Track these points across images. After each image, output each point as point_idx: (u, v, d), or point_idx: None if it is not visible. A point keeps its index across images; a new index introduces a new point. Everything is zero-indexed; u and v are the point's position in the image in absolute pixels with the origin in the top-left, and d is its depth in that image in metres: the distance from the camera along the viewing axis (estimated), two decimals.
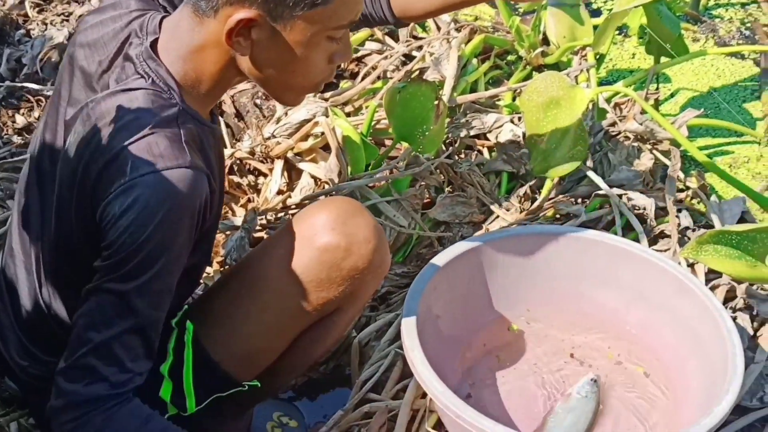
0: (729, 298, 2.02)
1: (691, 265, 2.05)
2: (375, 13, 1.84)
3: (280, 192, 2.32)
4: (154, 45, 1.45)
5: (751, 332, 1.95)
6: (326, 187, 2.26)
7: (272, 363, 1.69)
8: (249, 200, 2.36)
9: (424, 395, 1.79)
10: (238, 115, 2.52)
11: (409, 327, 1.63)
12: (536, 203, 2.30)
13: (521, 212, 2.30)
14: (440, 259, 1.79)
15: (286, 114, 2.39)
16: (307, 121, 2.36)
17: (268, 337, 1.65)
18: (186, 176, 1.36)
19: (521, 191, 2.35)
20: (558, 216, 2.26)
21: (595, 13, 3.08)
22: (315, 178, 2.32)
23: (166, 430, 1.48)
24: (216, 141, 1.57)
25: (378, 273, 1.65)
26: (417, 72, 2.58)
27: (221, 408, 1.69)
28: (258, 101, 2.52)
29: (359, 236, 1.57)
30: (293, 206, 2.25)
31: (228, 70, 1.46)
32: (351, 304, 1.67)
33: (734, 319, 1.92)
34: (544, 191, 2.33)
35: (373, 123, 2.44)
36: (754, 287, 2.02)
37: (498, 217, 2.29)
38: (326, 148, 2.35)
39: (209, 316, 1.65)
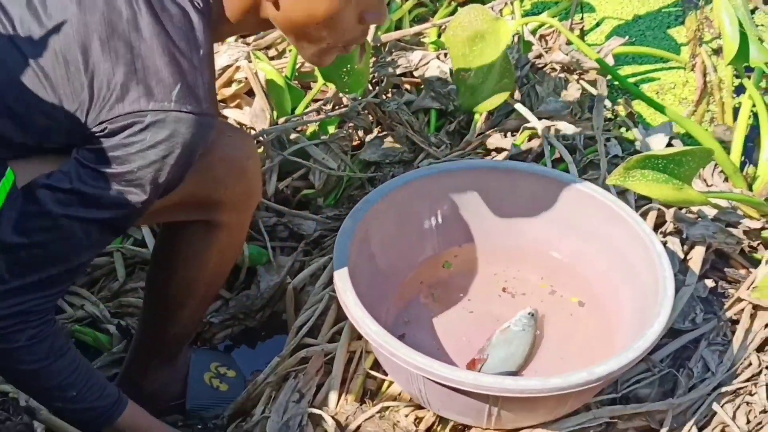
0: (659, 223, 2.04)
1: (621, 193, 2.05)
2: None
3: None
4: None
5: (682, 256, 1.97)
6: (252, 132, 2.23)
7: (160, 298, 1.69)
8: None
9: (360, 337, 1.78)
10: None
11: (340, 269, 1.61)
12: (466, 139, 2.28)
13: (451, 149, 2.28)
14: (370, 199, 1.77)
15: None
16: (230, 66, 2.31)
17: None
18: (212, 127, 1.33)
19: (450, 128, 2.34)
20: (488, 150, 2.25)
21: None
22: (241, 124, 2.27)
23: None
24: None
25: (245, 197, 1.65)
26: None
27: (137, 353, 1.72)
28: None
29: (236, 153, 1.58)
30: None
31: (251, 15, 1.39)
32: (220, 226, 1.64)
33: (664, 243, 1.94)
34: (473, 126, 2.31)
35: (297, 66, 2.40)
36: (683, 211, 2.04)
37: (428, 154, 2.27)
38: (251, 93, 2.31)
39: None
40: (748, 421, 1.70)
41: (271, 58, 2.44)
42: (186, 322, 1.76)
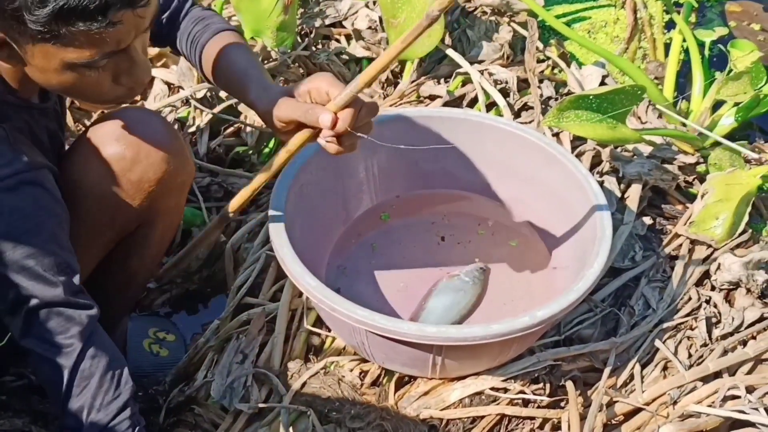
0: (596, 163, 2.04)
1: (556, 135, 2.05)
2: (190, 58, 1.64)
3: (134, 103, 2.21)
4: None
5: (619, 195, 1.97)
6: (180, 92, 2.17)
7: (101, 287, 1.59)
8: (103, 112, 2.25)
9: (301, 294, 1.76)
10: None
11: (276, 225, 1.58)
12: (399, 87, 2.26)
13: (384, 98, 2.26)
14: (304, 153, 1.73)
15: None
16: None
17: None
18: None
19: (383, 77, 2.31)
20: (421, 99, 2.22)
21: None
22: (168, 84, 2.22)
23: None
24: (49, 120, 1.48)
25: (177, 183, 1.57)
26: None
27: None
28: None
29: (145, 145, 1.49)
30: None
31: (30, 82, 1.35)
32: (157, 217, 1.59)
33: (601, 183, 1.94)
34: (405, 74, 2.29)
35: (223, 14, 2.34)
36: (618, 150, 2.04)
37: None
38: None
39: None
40: (690, 356, 1.72)
41: None
42: (128, 301, 1.74)
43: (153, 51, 2.25)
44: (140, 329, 1.86)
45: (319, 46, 2.38)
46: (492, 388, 1.61)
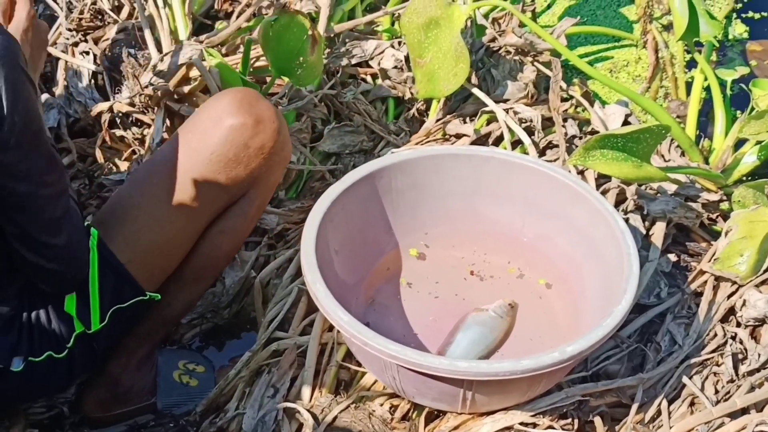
0: (620, 200, 2.06)
1: (581, 172, 2.08)
2: None
3: (163, 140, 2.25)
4: None
5: (644, 232, 1.99)
6: None
7: (181, 270, 1.70)
8: (134, 152, 2.29)
9: (331, 328, 1.78)
10: (113, 68, 2.43)
11: (309, 261, 1.61)
12: (425, 125, 2.29)
13: (411, 136, 2.29)
14: (334, 190, 1.77)
15: (162, 60, 2.32)
16: (183, 65, 2.29)
17: (177, 226, 1.65)
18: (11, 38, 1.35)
19: (409, 115, 2.35)
20: (448, 136, 2.26)
21: None
22: None
23: None
24: None
25: (282, 156, 1.71)
26: (289, 4, 2.53)
27: (126, 343, 1.73)
28: (132, 50, 2.44)
29: (264, 116, 1.65)
30: None
31: None
32: (256, 190, 1.70)
33: (626, 220, 1.96)
34: (432, 113, 2.32)
35: (251, 61, 2.38)
36: (643, 188, 2.06)
37: (388, 143, 2.28)
38: (206, 91, 2.29)
39: (114, 216, 1.64)
40: (717, 391, 1.73)
41: (225, 55, 2.42)
42: (190, 301, 1.79)
43: (184, 89, 2.29)
44: (170, 361, 1.89)
45: (346, 86, 2.42)
46: (521, 423, 1.62)
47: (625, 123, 2.31)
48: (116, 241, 1.60)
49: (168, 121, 2.28)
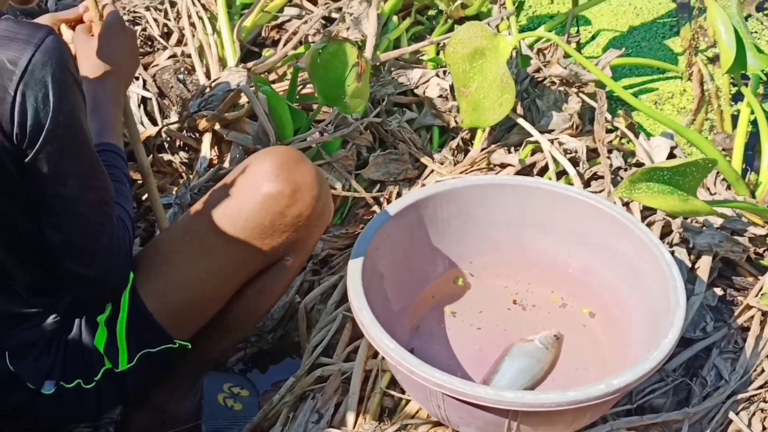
0: (665, 233, 2.06)
1: (626, 204, 2.07)
2: None
3: (211, 165, 2.28)
4: None
5: (689, 265, 1.98)
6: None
7: (218, 322, 1.69)
8: (180, 176, 2.32)
9: (375, 355, 1.79)
10: (162, 93, 2.47)
11: (355, 288, 1.62)
12: (470, 155, 2.30)
13: (455, 165, 2.30)
14: (381, 217, 1.79)
15: (210, 87, 2.35)
16: (232, 91, 2.32)
17: (209, 284, 1.64)
18: (60, 39, 1.37)
19: (453, 144, 2.36)
20: (492, 166, 2.26)
21: None
22: (244, 148, 2.29)
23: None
24: None
25: (321, 220, 1.68)
26: (336, 32, 2.56)
27: (169, 377, 1.74)
28: (181, 76, 2.48)
29: (303, 184, 1.61)
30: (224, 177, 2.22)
31: None
32: (295, 253, 1.68)
33: (672, 253, 1.95)
34: (477, 142, 2.33)
35: (297, 88, 2.41)
36: (689, 221, 2.06)
37: (432, 171, 2.29)
38: (253, 117, 2.32)
39: (149, 264, 1.64)
40: (764, 428, 1.71)
41: (272, 82, 2.46)
42: (230, 346, 1.80)
43: (232, 116, 2.32)
44: (215, 384, 1.90)
45: (391, 114, 2.44)
46: None
47: (670, 155, 2.31)
48: (147, 290, 1.61)
49: (215, 147, 2.31)
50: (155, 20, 2.70)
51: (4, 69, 1.30)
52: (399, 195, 2.24)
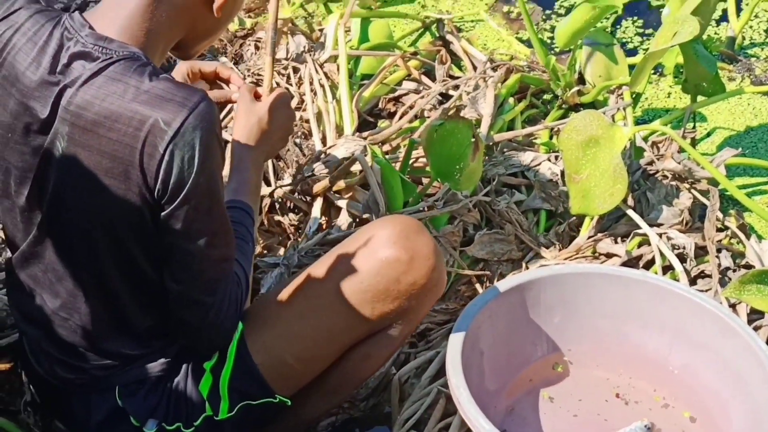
0: None
1: (732, 306, 2.04)
2: None
3: (319, 229, 2.33)
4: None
5: None
6: (365, 225, 2.27)
7: (319, 383, 1.72)
8: (289, 238, 2.38)
9: None
10: (278, 155, 2.54)
11: (454, 364, 1.64)
12: (576, 241, 2.30)
13: (560, 250, 2.30)
14: (484, 297, 1.80)
15: (325, 153, 2.41)
16: (347, 159, 2.37)
17: (316, 343, 1.68)
18: (212, 104, 1.43)
19: (560, 229, 2.36)
20: (598, 255, 2.26)
21: (630, 52, 3.08)
22: (353, 216, 2.33)
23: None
24: None
25: (434, 292, 1.69)
26: (454, 110, 2.60)
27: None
28: (297, 140, 2.54)
29: (420, 253, 1.63)
30: (332, 243, 2.26)
31: (183, 32, 1.53)
32: (405, 321, 1.70)
33: None
34: (584, 229, 2.33)
35: (410, 161, 2.45)
36: None
37: (537, 255, 2.29)
38: (365, 185, 2.36)
39: (260, 317, 1.68)
40: None
41: (386, 153, 2.50)
42: (327, 409, 1.83)
43: (344, 183, 2.37)
44: None
45: (500, 193, 2.46)
46: None
47: None
48: (255, 342, 1.65)
49: (325, 212, 2.35)
50: (278, 84, 2.78)
51: (157, 128, 1.37)
52: (502, 275, 2.24)
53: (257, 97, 1.81)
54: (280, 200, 2.41)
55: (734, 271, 2.21)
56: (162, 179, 1.40)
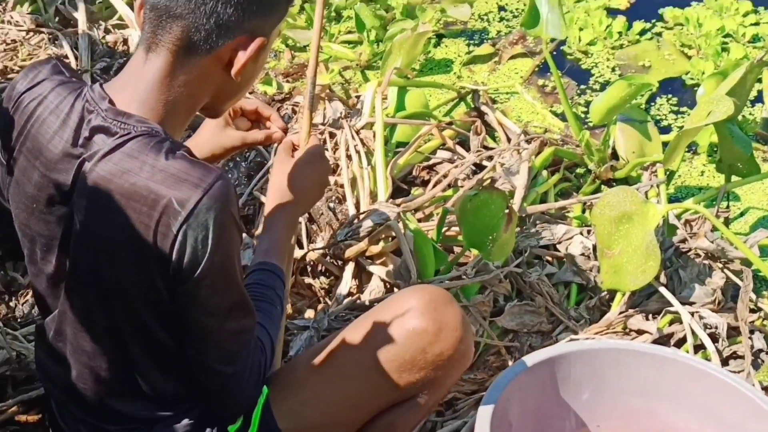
0: None
1: (765, 389, 2.03)
2: None
3: (350, 294, 2.34)
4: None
5: None
6: (395, 291, 2.28)
7: None
8: (318, 301, 2.38)
9: None
10: (311, 219, 2.56)
11: None
12: (606, 316, 2.29)
13: (590, 324, 2.30)
14: (514, 370, 1.79)
15: (358, 218, 2.43)
16: (380, 225, 2.39)
17: (341, 410, 1.67)
18: (228, 183, 1.43)
19: (591, 303, 2.36)
20: (628, 330, 2.25)
21: (664, 129, 3.10)
22: (384, 282, 2.34)
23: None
24: None
25: (461, 363, 1.70)
26: (488, 180, 2.62)
27: None
28: (331, 204, 2.56)
29: (448, 324, 1.64)
30: (362, 308, 2.27)
31: (205, 98, 1.54)
32: (431, 391, 1.69)
33: None
34: (615, 305, 2.33)
35: (443, 229, 2.46)
36: None
37: (567, 328, 2.29)
38: (397, 252, 2.37)
39: (285, 382, 1.68)
40: None
41: (419, 221, 2.51)
42: None
43: (376, 248, 2.38)
44: None
45: (532, 265, 2.46)
46: None
47: None
48: (281, 408, 1.65)
49: (356, 277, 2.36)
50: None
51: (171, 208, 1.38)
52: (531, 347, 2.24)
53: (294, 150, 1.83)
54: (311, 263, 2.42)
55: (767, 353, 2.19)
56: (176, 259, 1.40)
